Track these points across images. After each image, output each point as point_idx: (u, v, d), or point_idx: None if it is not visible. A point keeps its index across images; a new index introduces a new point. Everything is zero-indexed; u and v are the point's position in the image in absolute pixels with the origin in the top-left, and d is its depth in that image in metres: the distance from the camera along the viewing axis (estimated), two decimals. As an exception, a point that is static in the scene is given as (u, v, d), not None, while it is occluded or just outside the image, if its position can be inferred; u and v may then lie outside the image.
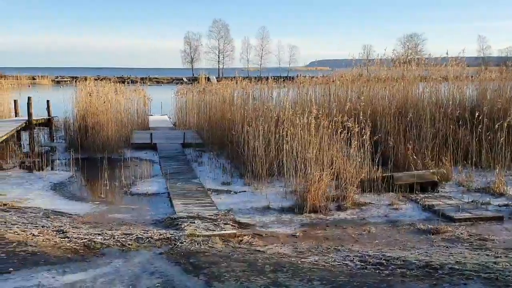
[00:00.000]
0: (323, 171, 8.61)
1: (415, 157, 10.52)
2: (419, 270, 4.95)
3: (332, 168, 9.07)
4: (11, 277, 4.09)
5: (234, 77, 19.89)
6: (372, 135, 9.99)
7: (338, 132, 9.66)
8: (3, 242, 5.38)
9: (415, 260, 5.39)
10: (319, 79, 16.11)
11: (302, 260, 5.54)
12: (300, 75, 17.59)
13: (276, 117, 10.81)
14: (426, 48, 68.27)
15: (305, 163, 9.10)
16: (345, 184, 8.95)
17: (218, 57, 77.47)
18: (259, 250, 6.04)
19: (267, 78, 17.68)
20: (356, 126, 9.58)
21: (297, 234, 7.20)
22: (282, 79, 18.41)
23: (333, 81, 14.84)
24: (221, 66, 77.03)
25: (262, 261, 5.26)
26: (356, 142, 9.48)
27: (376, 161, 9.85)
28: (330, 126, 9.72)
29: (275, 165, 10.22)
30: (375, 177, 9.52)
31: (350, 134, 9.65)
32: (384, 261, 5.37)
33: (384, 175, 9.69)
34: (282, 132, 9.96)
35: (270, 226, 7.58)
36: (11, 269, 4.35)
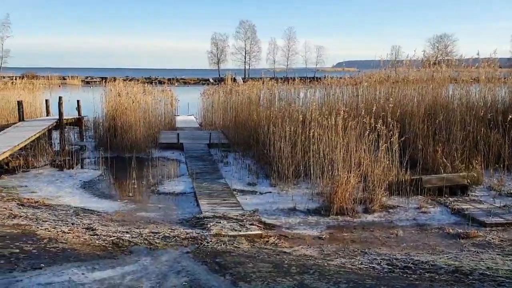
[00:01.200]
0: (350, 173, 8.52)
1: (444, 160, 10.31)
2: (448, 275, 4.85)
3: (359, 170, 8.97)
4: (43, 273, 4.18)
5: (261, 78, 19.89)
6: (400, 137, 9.84)
7: (366, 133, 9.56)
8: (35, 238, 5.51)
9: (444, 264, 5.29)
10: (347, 80, 15.97)
11: (329, 262, 5.50)
12: (327, 76, 17.45)
13: (302, 118, 10.76)
14: (457, 49, 67.05)
15: (332, 164, 9.02)
16: (372, 187, 8.84)
17: (245, 58, 77.63)
18: (285, 252, 6.02)
19: (293, 79, 17.63)
20: (384, 127, 9.46)
21: (324, 236, 7.15)
22: (308, 80, 18.32)
23: (360, 82, 14.69)
24: (247, 67, 77.11)
25: (288, 263, 5.24)
26: (384, 144, 9.35)
27: (404, 163, 9.69)
28: (357, 128, 9.63)
29: (301, 166, 10.16)
30: (403, 179, 9.37)
31: (378, 136, 9.52)
32: (412, 265, 5.28)
33: (412, 177, 9.53)
34: (309, 133, 9.91)
35: (296, 228, 7.55)
36: (43, 264, 4.45)
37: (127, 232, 6.35)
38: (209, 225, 7.01)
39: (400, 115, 10.62)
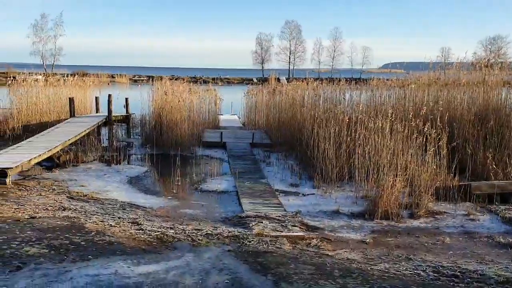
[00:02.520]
0: (396, 176, 8.33)
1: (495, 166, 9.90)
2: (498, 285, 4.64)
3: (405, 174, 8.75)
4: (91, 264, 4.30)
5: (305, 78, 19.78)
6: (449, 142, 9.53)
7: (413, 137, 9.31)
8: (83, 230, 5.68)
9: (494, 275, 5.06)
10: (394, 82, 15.63)
11: (372, 267, 5.38)
12: (373, 77, 17.14)
13: (348, 120, 10.61)
14: (511, 52, 64.27)
15: (378, 167, 8.85)
16: (419, 191, 8.60)
17: (289, 58, 77.40)
18: (327, 254, 5.94)
19: (338, 80, 17.44)
20: (432, 131, 9.19)
21: (367, 240, 7.01)
22: (354, 81, 18.05)
23: (408, 84, 14.33)
24: (291, 67, 76.90)
25: (331, 266, 5.16)
26: (432, 148, 9.08)
27: (453, 168, 9.38)
28: (404, 131, 9.40)
29: (345, 169, 10.02)
30: (451, 185, 9.07)
31: (426, 140, 9.26)
32: (459, 273, 5.09)
33: (461, 183, 9.21)
34: (354, 135, 9.76)
35: (339, 231, 7.44)
36: (91, 256, 4.57)
37: (171, 228, 6.45)
38: (251, 225, 7.03)
39: (449, 119, 10.28)
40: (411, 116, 9.75)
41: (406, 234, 7.40)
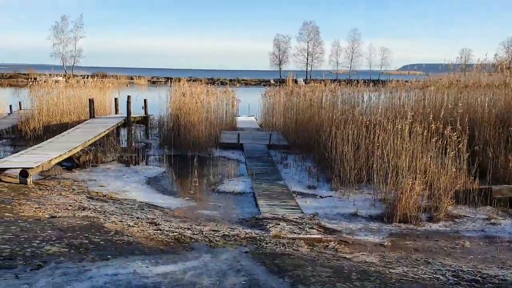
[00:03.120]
0: (415, 179, 8.24)
1: (517, 169, 9.72)
2: (520, 291, 4.55)
3: (425, 177, 8.65)
4: (110, 264, 4.34)
5: (323, 80, 19.70)
6: (469, 145, 9.38)
7: (433, 139, 9.20)
8: (102, 230, 5.75)
9: (516, 280, 4.97)
10: (413, 84, 15.47)
11: (390, 270, 5.33)
12: (392, 78, 16.99)
13: (366, 122, 10.52)
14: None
15: (397, 170, 8.76)
16: (438, 195, 8.49)
17: (307, 60, 77.15)
18: (345, 257, 5.90)
19: (357, 81, 17.34)
20: (453, 134, 9.07)
21: (385, 243, 6.95)
22: (372, 83, 17.92)
23: (427, 86, 14.17)
24: (309, 69, 76.63)
25: (349, 268, 5.12)
26: (452, 151, 8.96)
27: (473, 172, 9.23)
28: (424, 133, 9.29)
29: (364, 171, 9.95)
30: (471, 188, 8.93)
31: (446, 142, 9.14)
32: (479, 278, 5.00)
33: (481, 187, 9.06)
34: (373, 137, 9.68)
35: (357, 234, 7.39)
36: (109, 256, 4.62)
37: (188, 229, 6.48)
38: (268, 226, 7.02)
39: (469, 121, 10.13)
40: (431, 118, 9.63)
41: (425, 238, 7.31)
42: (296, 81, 29.31)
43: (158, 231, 6.14)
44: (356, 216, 8.29)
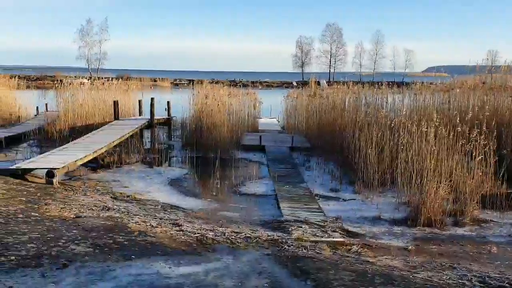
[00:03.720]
0: (440, 183, 8.09)
1: (546, 174, 9.46)
2: (550, 299, 4.42)
3: (450, 180, 8.50)
4: (134, 264, 4.38)
5: (346, 82, 19.58)
6: (497, 148, 9.18)
7: (458, 142, 9.03)
8: (126, 231, 5.81)
9: (546, 288, 4.82)
10: (438, 86, 15.22)
11: (414, 274, 5.24)
12: (416, 81, 16.74)
13: (390, 124, 10.39)
14: None
15: (421, 173, 8.63)
16: (463, 199, 8.33)
17: (330, 61, 76.69)
18: (368, 261, 5.83)
19: (380, 83, 17.15)
20: (479, 137, 8.88)
21: (409, 247, 6.84)
22: (396, 85, 17.70)
23: (453, 89, 13.92)
24: (332, 70, 76.18)
25: (372, 272, 5.06)
26: (479, 154, 8.77)
27: (500, 176, 9.03)
28: (449, 136, 9.13)
29: (387, 174, 9.82)
30: (498, 193, 8.73)
31: (472, 146, 8.96)
32: (507, 285, 4.88)
33: (509, 191, 8.86)
34: (397, 140, 9.55)
35: (380, 237, 7.30)
36: (133, 256, 4.66)
37: (210, 230, 6.50)
38: (290, 229, 6.99)
39: (496, 125, 9.91)
40: (458, 121, 9.47)
41: (450, 242, 7.17)
42: (318, 83, 29.18)
43: (181, 232, 6.17)
44: (379, 219, 8.19)
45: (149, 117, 16.32)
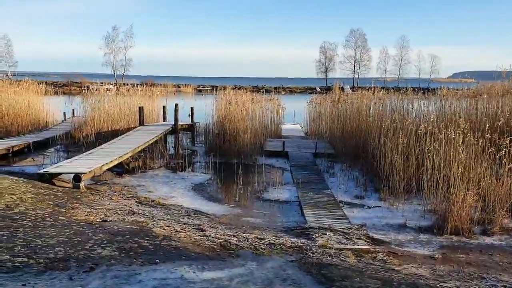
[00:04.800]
0: (468, 190, 7.92)
1: None
2: None
3: (478, 188, 8.31)
4: (158, 268, 4.41)
5: (370, 87, 19.40)
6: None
7: (487, 149, 8.83)
8: (151, 235, 5.86)
9: None
10: (464, 92, 14.93)
11: (441, 284, 5.14)
12: (442, 86, 16.46)
13: (416, 131, 10.22)
14: None
15: (448, 180, 8.46)
16: (492, 207, 8.13)
17: (354, 67, 76.17)
18: (394, 269, 5.74)
19: (405, 89, 16.94)
20: (509, 144, 8.67)
21: (436, 256, 6.71)
22: (422, 91, 17.45)
23: (480, 95, 13.64)
24: (356, 76, 75.64)
25: (398, 281, 4.97)
26: (509, 162, 8.56)
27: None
28: (477, 143, 8.93)
29: (413, 181, 9.66)
30: (529, 201, 8.49)
31: (501, 153, 8.74)
32: (539, 297, 4.74)
33: (540, 200, 8.60)
34: (424, 146, 9.40)
35: (406, 245, 7.18)
36: (158, 260, 4.70)
37: (234, 236, 6.50)
38: (314, 236, 6.93)
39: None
40: (487, 127, 9.26)
41: (478, 251, 7.01)
42: (342, 89, 29.02)
43: (204, 237, 6.19)
44: (405, 227, 8.06)
45: (173, 123, 16.48)
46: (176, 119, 16.23)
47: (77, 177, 9.19)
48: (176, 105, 16.30)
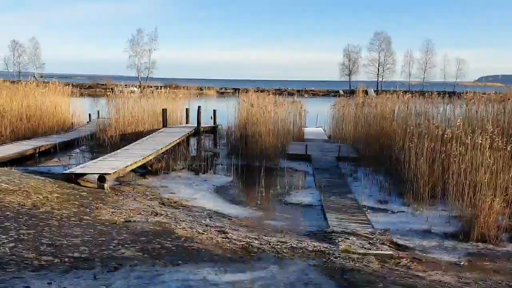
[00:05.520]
0: (495, 196, 7.74)
1: None
2: None
3: (506, 194, 8.11)
4: (181, 270, 4.43)
5: (394, 91, 19.16)
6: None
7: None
8: (173, 236, 5.89)
9: None
10: (492, 96, 14.60)
11: (468, 292, 5.03)
12: (469, 90, 16.14)
13: (443, 135, 10.03)
14: None
15: (475, 186, 8.28)
16: (521, 214, 7.93)
17: (378, 70, 75.39)
18: (418, 275, 5.64)
19: (430, 93, 16.68)
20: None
21: (462, 263, 6.57)
22: (448, 95, 17.14)
23: (509, 99, 13.31)
24: (380, 79, 74.85)
25: (422, 287, 4.89)
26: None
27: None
28: (505, 148, 8.72)
29: (439, 186, 9.49)
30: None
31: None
32: None
33: None
34: (450, 151, 9.22)
35: (430, 251, 7.05)
36: (180, 262, 4.72)
37: (256, 239, 6.49)
38: (337, 240, 6.87)
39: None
40: (512, 132, 9.05)
41: (506, 259, 6.84)
42: (366, 92, 28.70)
43: (226, 240, 6.20)
44: (429, 233, 7.93)
45: (196, 125, 16.58)
46: (198, 121, 16.34)
47: (101, 178, 9.32)
48: (199, 107, 16.42)
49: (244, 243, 6.06)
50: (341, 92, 62.79)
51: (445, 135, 9.82)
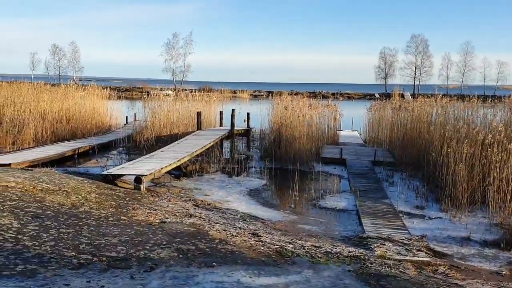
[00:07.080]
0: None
1: None
2: None
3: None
4: (215, 271, 4.45)
5: (432, 94, 18.74)
6: None
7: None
8: (207, 238, 5.93)
9: None
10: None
11: (510, 303, 4.84)
12: (511, 94, 15.63)
13: (483, 140, 9.72)
14: None
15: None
16: None
17: (415, 73, 73.89)
18: (457, 284, 5.48)
19: (469, 97, 16.24)
20: None
21: (503, 272, 6.33)
22: (489, 99, 16.64)
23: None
24: (417, 83, 73.35)
25: (462, 297, 4.75)
26: None
27: None
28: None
29: (478, 192, 9.20)
30: None
31: None
32: None
33: None
34: (490, 157, 8.93)
35: (469, 259, 6.83)
36: (215, 264, 4.74)
37: (290, 243, 6.45)
38: (372, 246, 6.75)
39: None
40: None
41: (551, 270, 6.54)
42: (403, 96, 28.21)
43: (260, 243, 6.19)
44: (468, 240, 7.69)
45: (229, 128, 16.68)
46: (232, 124, 16.41)
47: (138, 179, 9.49)
48: (233, 110, 16.49)
49: (278, 246, 6.04)
50: (377, 95, 61.86)
51: (486, 140, 9.51)
